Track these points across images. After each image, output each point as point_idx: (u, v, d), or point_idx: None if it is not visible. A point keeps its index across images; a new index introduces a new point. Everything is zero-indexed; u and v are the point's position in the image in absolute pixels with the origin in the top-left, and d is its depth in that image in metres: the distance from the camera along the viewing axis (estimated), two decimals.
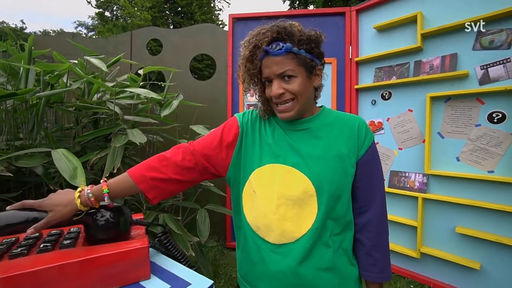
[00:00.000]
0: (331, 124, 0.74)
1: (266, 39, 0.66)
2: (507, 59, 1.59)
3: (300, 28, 0.69)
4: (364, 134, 0.73)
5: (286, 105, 0.69)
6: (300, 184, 0.69)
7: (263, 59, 0.68)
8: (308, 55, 0.68)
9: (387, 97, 2.09)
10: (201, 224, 1.45)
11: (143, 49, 2.53)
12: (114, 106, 1.19)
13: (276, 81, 0.67)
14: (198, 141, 0.78)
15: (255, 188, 0.73)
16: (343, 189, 0.70)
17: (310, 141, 0.73)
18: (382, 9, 2.06)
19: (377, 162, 0.74)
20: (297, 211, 0.69)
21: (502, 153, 1.62)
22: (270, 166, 0.72)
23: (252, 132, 0.77)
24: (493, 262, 1.65)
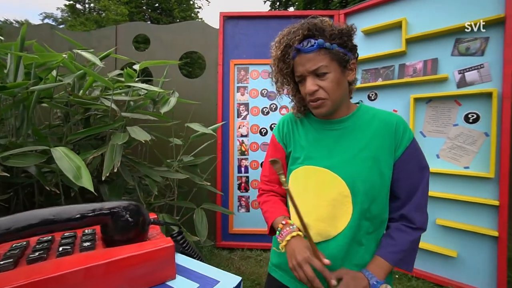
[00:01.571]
0: (367, 123, 0.72)
1: (297, 37, 0.66)
2: (480, 65, 1.74)
3: (331, 23, 0.69)
4: (402, 134, 0.69)
5: (319, 102, 0.69)
6: (335, 186, 0.69)
7: (296, 58, 0.68)
8: (341, 50, 0.67)
9: (374, 98, 2.19)
10: (198, 223, 1.44)
11: (129, 44, 2.43)
12: (111, 102, 1.14)
13: (310, 78, 0.68)
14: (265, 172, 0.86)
15: (292, 189, 0.73)
16: (378, 190, 0.69)
17: (344, 142, 0.72)
18: (369, 14, 2.15)
19: (417, 161, 0.70)
20: (333, 212, 0.69)
21: (476, 150, 1.77)
22: (304, 168, 0.74)
23: (291, 136, 0.80)
24: (468, 250, 1.80)
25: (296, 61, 0.69)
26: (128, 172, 1.20)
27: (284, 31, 0.71)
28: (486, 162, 1.73)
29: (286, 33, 0.70)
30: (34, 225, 0.54)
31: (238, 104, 2.47)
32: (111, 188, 1.19)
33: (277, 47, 0.70)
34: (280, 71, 0.71)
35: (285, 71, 0.70)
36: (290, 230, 0.69)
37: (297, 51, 0.67)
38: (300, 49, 0.66)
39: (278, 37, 0.72)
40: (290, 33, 0.68)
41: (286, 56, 0.69)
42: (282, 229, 0.70)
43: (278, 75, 0.73)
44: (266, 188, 0.84)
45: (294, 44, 0.67)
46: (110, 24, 12.07)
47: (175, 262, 0.62)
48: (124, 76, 1.28)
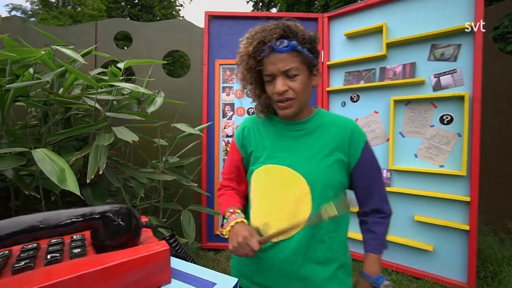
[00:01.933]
0: (325, 126, 0.76)
1: (274, 36, 0.66)
2: (454, 70, 1.86)
3: (302, 28, 0.70)
4: (358, 137, 0.75)
5: (287, 103, 0.70)
6: (297, 184, 0.71)
7: (268, 56, 0.68)
8: (310, 54, 0.69)
9: (356, 100, 2.26)
10: (186, 225, 1.42)
11: (110, 41, 2.34)
12: (95, 102, 1.09)
13: (281, 78, 0.68)
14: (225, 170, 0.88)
15: (254, 189, 0.78)
16: (337, 187, 0.73)
17: (306, 142, 0.75)
18: (351, 18, 2.22)
19: (373, 160, 0.77)
20: (293, 209, 0.71)
21: (450, 150, 1.89)
22: (266, 167, 0.75)
23: (253, 137, 0.82)
24: (443, 244, 1.91)
25: (267, 60, 0.68)
26: (113, 174, 1.15)
27: (257, 28, 0.70)
28: (459, 161, 1.84)
29: (260, 30, 0.69)
30: (20, 233, 0.51)
31: (223, 104, 2.46)
32: (94, 191, 1.15)
33: (249, 43, 0.69)
34: (249, 68, 0.71)
35: (254, 68, 0.70)
36: (235, 217, 0.72)
37: (270, 49, 0.67)
38: (275, 48, 0.66)
39: (249, 33, 0.71)
40: (265, 30, 0.68)
41: (258, 53, 0.68)
42: (229, 216, 0.73)
43: (246, 72, 0.73)
44: (225, 184, 0.87)
45: (270, 42, 0.66)
46: (86, 19, 11.51)
47: (170, 266, 0.61)
48: (108, 75, 1.23)
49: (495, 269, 1.92)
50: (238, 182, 0.86)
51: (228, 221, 0.71)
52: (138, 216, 0.67)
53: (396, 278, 1.98)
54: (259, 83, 0.75)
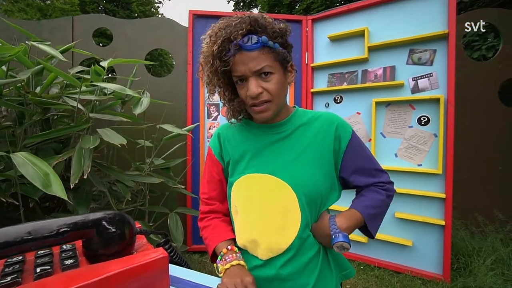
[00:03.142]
0: (306, 125, 0.70)
1: (240, 32, 0.58)
2: (430, 74, 1.97)
3: (271, 20, 0.63)
4: (342, 129, 0.68)
5: (263, 106, 0.63)
6: (281, 192, 0.65)
7: (236, 55, 0.59)
8: (283, 49, 0.63)
9: (339, 101, 2.33)
10: (173, 228, 1.38)
11: (88, 38, 2.22)
12: (77, 102, 1.03)
13: (253, 79, 0.61)
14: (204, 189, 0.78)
15: (235, 203, 0.70)
16: (326, 190, 0.67)
17: (286, 145, 0.69)
18: (335, 21, 2.28)
19: (362, 149, 0.70)
20: (282, 221, 0.64)
21: (427, 149, 1.99)
22: (246, 177, 0.68)
23: (229, 146, 0.74)
24: (421, 239, 2.02)
25: (236, 60, 0.60)
26: (97, 178, 1.10)
27: (220, 23, 0.62)
28: (435, 160, 1.95)
29: (224, 25, 0.61)
30: (7, 245, 0.47)
31: (208, 104, 2.43)
32: (77, 196, 1.09)
33: (212, 41, 0.61)
34: (215, 70, 0.62)
35: (221, 70, 0.62)
36: (235, 257, 0.64)
37: (238, 48, 0.59)
38: (242, 46, 0.58)
39: (211, 29, 0.63)
40: (229, 26, 0.60)
41: (224, 53, 0.60)
42: (226, 254, 0.66)
43: (211, 75, 0.63)
44: (206, 210, 0.76)
45: (237, 39, 0.58)
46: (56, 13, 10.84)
47: (169, 273, 0.59)
48: (91, 74, 1.17)
49: (466, 261, 2.06)
50: (222, 201, 0.77)
51: (225, 259, 0.64)
52: (132, 223, 0.64)
53: (378, 273, 2.06)
54: (229, 86, 0.67)
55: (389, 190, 0.72)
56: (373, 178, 0.70)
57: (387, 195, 0.71)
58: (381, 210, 0.70)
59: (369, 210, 0.67)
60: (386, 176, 0.73)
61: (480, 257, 2.01)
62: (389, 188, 0.72)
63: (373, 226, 0.68)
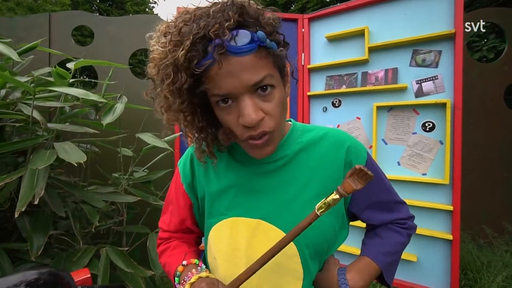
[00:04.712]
0: (307, 149, 0.54)
1: (227, 24, 0.37)
2: (435, 76, 1.83)
3: (257, 6, 0.43)
4: (354, 153, 0.55)
5: (265, 138, 0.44)
6: (274, 242, 0.49)
7: (216, 63, 0.39)
8: (279, 50, 0.44)
9: (337, 105, 2.19)
10: (153, 252, 1.22)
11: (67, 37, 2.06)
12: (32, 110, 0.87)
13: (248, 99, 0.41)
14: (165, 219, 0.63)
15: (214, 253, 0.53)
16: (333, 234, 0.53)
17: (282, 178, 0.52)
18: (333, 20, 2.14)
19: (379, 179, 0.58)
20: (276, 281, 0.50)
21: (432, 157, 1.86)
22: (229, 221, 0.52)
23: (205, 175, 0.57)
24: (427, 253, 1.88)
25: (215, 69, 0.39)
26: (57, 199, 0.94)
27: (184, 12, 0.41)
28: (441, 169, 1.82)
29: (193, 16, 0.40)
30: None
31: None
32: (33, 220, 0.92)
33: (173, 43, 0.39)
34: (178, 88, 0.40)
35: (187, 87, 0.40)
36: (194, 272, 0.50)
37: (223, 50, 0.38)
38: (229, 48, 0.38)
39: (169, 23, 0.42)
40: (203, 16, 0.39)
41: (197, 61, 0.39)
42: (183, 272, 0.51)
43: (171, 96, 0.42)
44: (164, 236, 0.63)
45: (220, 37, 0.37)
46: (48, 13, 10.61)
47: None
48: (53, 77, 1.01)
49: (475, 276, 1.93)
50: (184, 233, 0.64)
51: (185, 279, 0.50)
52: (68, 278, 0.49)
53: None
54: (198, 108, 0.47)
55: (410, 228, 0.58)
56: (391, 214, 0.57)
57: (408, 235, 0.57)
58: (400, 254, 0.57)
59: (387, 258, 0.54)
60: (406, 209, 0.59)
61: (490, 273, 1.88)
62: (410, 226, 0.58)
63: (390, 275, 0.55)
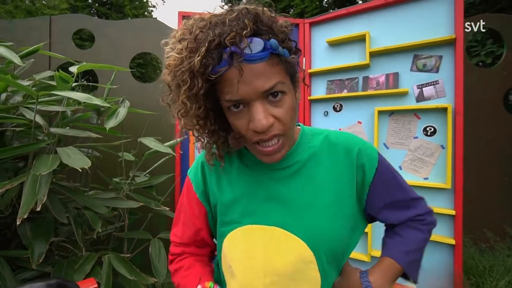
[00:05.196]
0: (318, 154, 0.54)
1: (244, 32, 0.39)
2: (436, 81, 1.84)
3: (273, 14, 0.45)
4: (366, 155, 0.54)
5: (275, 144, 0.45)
6: (292, 250, 0.50)
7: (231, 69, 0.40)
8: (292, 57, 0.46)
9: (339, 109, 2.19)
10: (155, 258, 1.20)
11: (68, 40, 2.05)
12: (34, 115, 0.86)
13: (259, 104, 0.42)
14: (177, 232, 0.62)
15: (230, 262, 0.53)
16: (348, 237, 0.54)
17: (295, 185, 0.52)
18: (333, 25, 2.15)
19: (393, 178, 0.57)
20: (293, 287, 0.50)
21: (434, 162, 1.86)
22: (244, 229, 0.52)
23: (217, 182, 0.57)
24: (429, 258, 1.86)
25: (229, 76, 0.41)
26: (59, 205, 0.92)
27: (199, 20, 0.43)
28: (443, 173, 1.82)
29: (208, 23, 0.42)
30: None
31: None
32: (35, 227, 0.91)
33: (189, 49, 0.41)
34: (195, 94, 0.42)
35: (203, 92, 0.42)
36: None
37: (236, 58, 0.39)
38: (243, 55, 0.39)
39: (184, 29, 0.44)
40: (219, 24, 0.41)
41: (212, 67, 0.40)
42: None
43: (188, 101, 0.43)
44: (176, 251, 0.61)
45: (235, 44, 0.39)
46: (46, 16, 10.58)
47: None
48: (56, 80, 1.00)
49: (477, 281, 1.92)
50: (200, 247, 0.62)
51: None
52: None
53: None
54: (211, 113, 0.48)
55: (431, 223, 0.58)
56: (409, 211, 0.57)
57: (428, 230, 0.58)
58: (422, 251, 0.58)
59: (410, 257, 0.55)
60: (423, 204, 0.59)
61: (493, 278, 1.87)
62: (430, 221, 0.58)
63: (414, 273, 0.56)
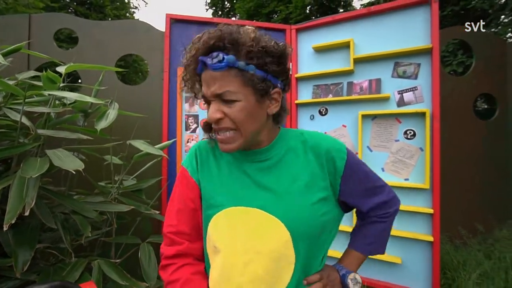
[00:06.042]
0: (294, 149, 0.62)
1: (204, 47, 0.53)
2: (415, 87, 1.96)
3: (254, 35, 0.53)
4: (335, 150, 0.60)
5: (226, 135, 0.56)
6: (272, 230, 0.55)
7: (202, 73, 0.55)
8: (260, 73, 0.53)
9: (324, 113, 2.26)
10: (145, 263, 1.18)
11: (49, 39, 1.97)
12: (21, 116, 0.82)
13: (214, 103, 0.55)
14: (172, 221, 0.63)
15: (214, 242, 0.58)
16: (323, 220, 0.58)
17: (275, 174, 0.60)
18: (320, 31, 2.23)
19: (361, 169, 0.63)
20: (272, 267, 0.54)
21: (414, 163, 1.96)
22: (229, 211, 0.58)
23: (207, 169, 0.64)
24: (410, 256, 1.96)
25: (202, 78, 0.56)
26: (46, 210, 0.89)
27: (201, 34, 0.56)
28: (422, 174, 1.92)
29: (197, 38, 0.56)
30: None
31: (186, 116, 2.25)
32: (18, 233, 0.86)
33: (187, 52, 0.57)
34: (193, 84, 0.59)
35: (196, 85, 0.59)
36: None
37: (203, 64, 0.54)
38: (207, 64, 0.53)
39: (196, 37, 0.58)
40: (200, 38, 0.55)
41: (193, 67, 0.56)
42: None
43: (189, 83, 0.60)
44: (171, 253, 0.60)
45: (204, 55, 0.53)
46: None
47: None
48: (42, 80, 0.96)
49: (453, 275, 2.04)
50: (193, 239, 0.62)
51: None
52: None
53: None
54: None
55: (394, 212, 0.68)
56: (377, 197, 0.65)
57: (391, 220, 0.68)
58: (387, 232, 0.69)
59: (373, 247, 0.68)
60: (387, 190, 0.67)
61: (466, 272, 1.99)
62: (393, 211, 0.67)
63: (380, 250, 0.69)
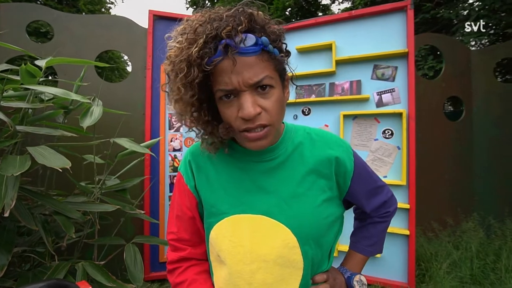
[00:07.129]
0: (300, 146, 0.58)
1: (240, 27, 0.43)
2: (392, 89, 2.06)
3: (267, 17, 0.49)
4: (342, 150, 0.59)
5: (259, 131, 0.48)
6: (277, 236, 0.53)
7: (223, 61, 0.44)
8: (282, 57, 0.50)
9: (307, 113, 2.31)
10: (131, 264, 1.14)
11: (20, 32, 1.85)
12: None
13: (248, 95, 0.46)
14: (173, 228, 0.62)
15: (218, 251, 0.55)
16: (329, 222, 0.57)
17: (280, 175, 0.56)
18: (303, 33, 2.28)
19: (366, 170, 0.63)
20: (279, 273, 0.53)
21: (392, 161, 2.07)
22: (232, 219, 0.54)
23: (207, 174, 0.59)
24: (388, 249, 2.06)
25: (223, 67, 0.45)
26: (25, 211, 0.84)
27: (199, 16, 0.46)
28: (399, 171, 2.03)
29: (207, 18, 0.45)
30: None
31: (170, 114, 2.21)
32: None
33: (188, 41, 0.44)
34: (190, 82, 0.45)
35: (198, 81, 0.45)
36: None
37: (230, 50, 0.43)
38: (237, 48, 0.43)
39: (185, 25, 0.47)
40: (216, 19, 0.44)
41: (207, 57, 0.44)
42: None
43: (184, 88, 0.46)
44: (175, 258, 0.60)
45: (230, 38, 0.43)
46: None
47: None
48: (21, 74, 0.90)
49: (426, 266, 2.16)
50: (195, 244, 0.61)
51: None
52: None
53: None
54: (203, 105, 0.51)
55: (393, 212, 0.69)
56: (378, 197, 0.66)
57: (392, 215, 0.70)
58: (385, 232, 0.70)
59: (375, 248, 0.68)
60: (387, 190, 0.69)
61: (438, 262, 2.12)
62: (392, 210, 0.69)
63: (380, 250, 0.70)
